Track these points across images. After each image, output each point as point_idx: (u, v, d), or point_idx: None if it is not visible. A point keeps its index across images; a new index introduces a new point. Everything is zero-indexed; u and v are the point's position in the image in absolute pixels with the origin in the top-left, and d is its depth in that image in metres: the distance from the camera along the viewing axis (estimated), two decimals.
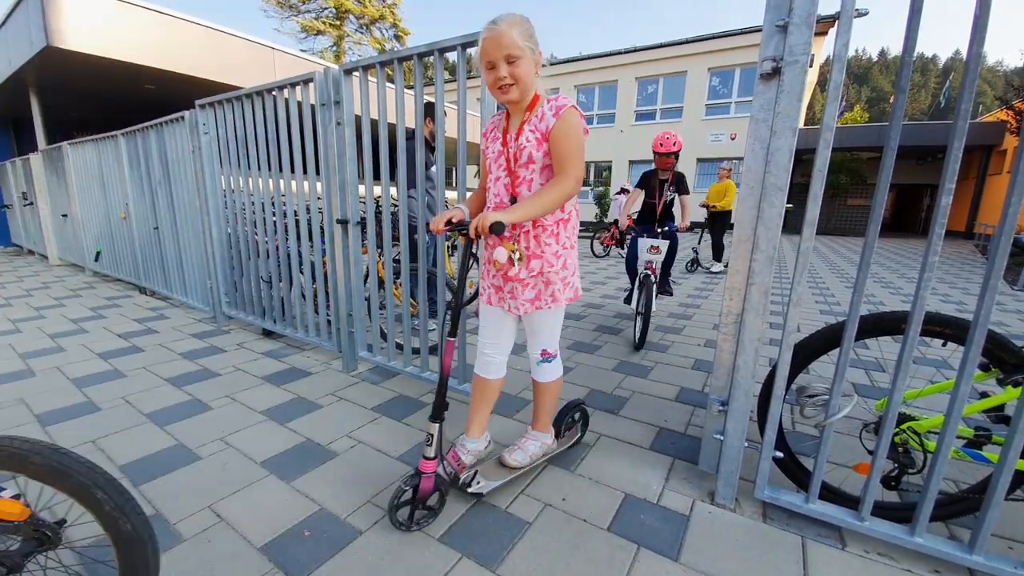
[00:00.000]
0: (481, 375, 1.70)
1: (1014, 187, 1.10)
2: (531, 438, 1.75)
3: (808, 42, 1.28)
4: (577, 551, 1.38)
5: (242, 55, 7.21)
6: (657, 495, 1.66)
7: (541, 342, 1.64)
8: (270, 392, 2.49)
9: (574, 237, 1.57)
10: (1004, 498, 1.23)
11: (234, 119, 3.23)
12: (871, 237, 1.27)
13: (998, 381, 1.36)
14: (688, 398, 2.49)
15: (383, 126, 2.42)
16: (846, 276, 7.21)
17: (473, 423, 1.72)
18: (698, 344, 3.46)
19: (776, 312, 4.53)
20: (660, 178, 3.92)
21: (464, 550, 1.38)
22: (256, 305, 3.48)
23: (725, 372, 1.57)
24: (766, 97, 1.36)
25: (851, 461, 1.84)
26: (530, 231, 1.49)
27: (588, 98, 20.12)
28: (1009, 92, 14.16)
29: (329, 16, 26.14)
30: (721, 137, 17.12)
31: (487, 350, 1.69)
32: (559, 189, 1.38)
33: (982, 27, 1.08)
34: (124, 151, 4.62)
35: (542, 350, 1.65)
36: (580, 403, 1.97)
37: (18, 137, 9.65)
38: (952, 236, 16.03)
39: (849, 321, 1.34)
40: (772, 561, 1.35)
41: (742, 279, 1.47)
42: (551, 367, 1.69)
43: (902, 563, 1.35)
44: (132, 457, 1.85)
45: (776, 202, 1.37)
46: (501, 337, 1.69)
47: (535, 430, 1.77)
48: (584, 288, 5.77)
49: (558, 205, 1.41)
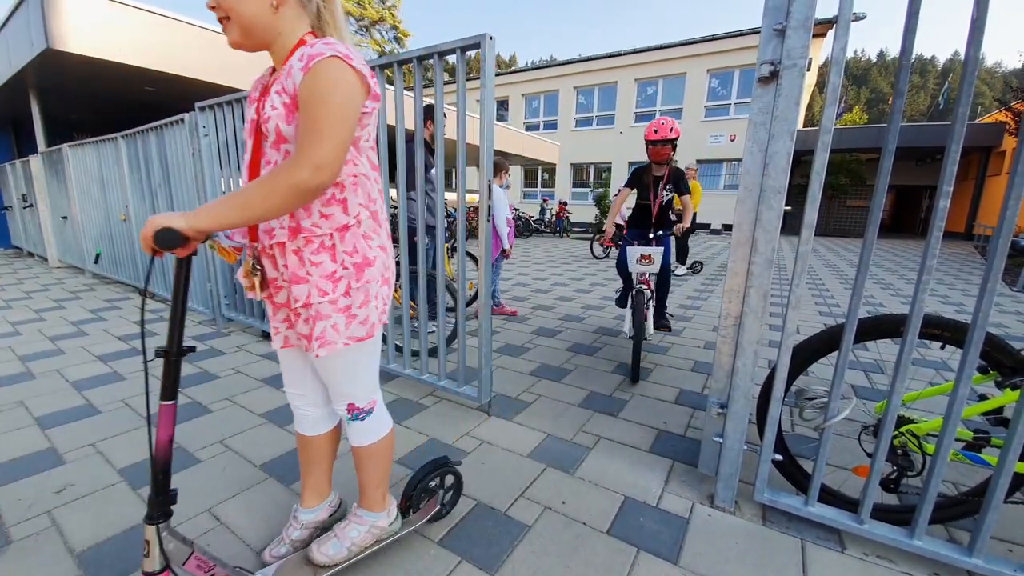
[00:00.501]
0: (297, 430, 1.34)
1: (1012, 189, 1.10)
2: (354, 521, 1.30)
3: (805, 46, 1.28)
4: (577, 554, 1.38)
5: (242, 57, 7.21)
6: (657, 498, 1.66)
7: (341, 393, 1.19)
8: (269, 395, 2.49)
9: (368, 250, 1.09)
10: (1003, 501, 1.23)
11: (234, 121, 3.23)
12: (869, 239, 1.27)
13: (997, 384, 1.36)
14: (688, 400, 2.49)
15: (383, 128, 2.42)
16: (845, 277, 7.21)
17: (305, 488, 1.37)
18: (697, 346, 3.46)
19: (775, 314, 4.54)
20: (654, 174, 3.26)
21: (464, 553, 1.38)
22: (255, 308, 3.48)
23: (724, 374, 1.57)
24: (764, 100, 1.36)
25: (850, 463, 1.84)
26: (286, 243, 1.04)
27: (587, 99, 20.16)
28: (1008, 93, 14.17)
29: None
30: (720, 139, 17.14)
31: (293, 400, 1.32)
32: (281, 180, 0.90)
33: (980, 30, 1.09)
34: (124, 153, 4.62)
35: (347, 403, 1.20)
36: (445, 463, 1.49)
37: (18, 139, 9.65)
38: (951, 237, 16.05)
39: (848, 323, 1.34)
40: (772, 564, 1.35)
41: (741, 282, 1.48)
42: (366, 425, 1.24)
43: (901, 566, 1.35)
44: (131, 460, 1.85)
45: (774, 205, 1.38)
46: (305, 384, 1.28)
47: (361, 508, 1.32)
48: (583, 290, 5.77)
49: (281, 205, 0.91)
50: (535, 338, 3.59)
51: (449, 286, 2.59)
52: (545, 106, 21.26)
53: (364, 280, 1.09)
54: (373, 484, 1.30)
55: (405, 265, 2.78)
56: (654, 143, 3.12)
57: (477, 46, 1.96)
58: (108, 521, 1.50)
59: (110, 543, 1.40)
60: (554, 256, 9.64)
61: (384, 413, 1.30)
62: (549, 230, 16.26)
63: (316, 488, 1.37)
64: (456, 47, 2.02)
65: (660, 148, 3.12)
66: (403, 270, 2.82)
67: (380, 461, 1.29)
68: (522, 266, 7.95)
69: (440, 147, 2.20)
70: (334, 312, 1.06)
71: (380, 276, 1.14)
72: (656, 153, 3.15)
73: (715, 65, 16.97)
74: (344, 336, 1.08)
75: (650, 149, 3.17)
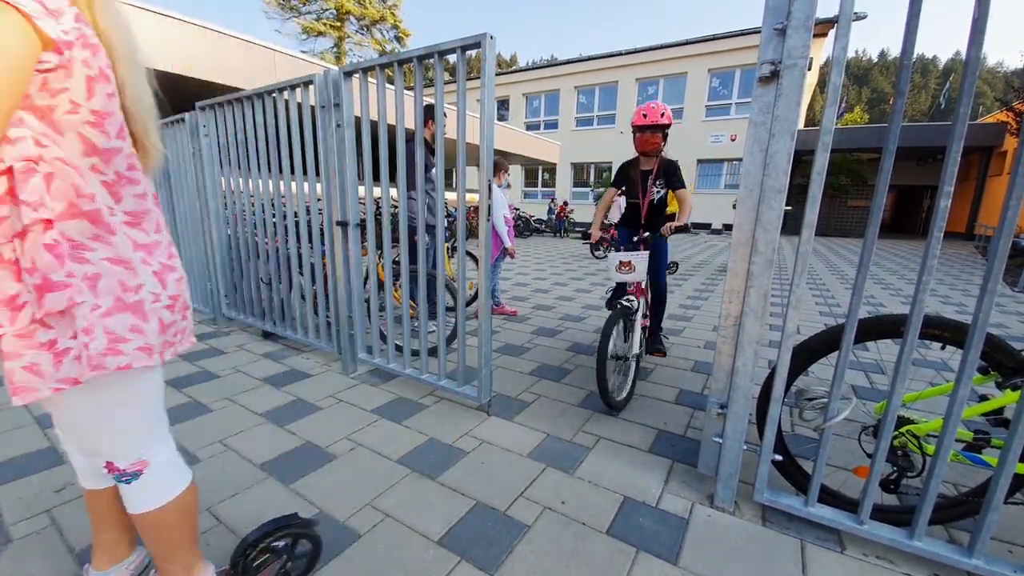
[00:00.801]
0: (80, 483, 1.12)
1: (1012, 190, 1.10)
2: None
3: (806, 45, 1.28)
4: (576, 554, 1.38)
5: (243, 57, 7.22)
6: (656, 498, 1.66)
7: (89, 449, 0.98)
8: (270, 394, 2.49)
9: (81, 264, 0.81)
10: (1003, 501, 1.23)
11: (234, 121, 3.23)
12: (870, 240, 1.27)
13: (997, 384, 1.36)
14: (688, 400, 2.49)
15: (383, 128, 2.42)
16: (846, 277, 7.20)
17: (96, 546, 1.14)
18: (697, 346, 3.46)
19: (776, 314, 4.53)
20: (642, 168, 2.85)
21: (463, 553, 1.38)
22: (256, 307, 3.48)
23: (724, 375, 1.57)
24: (764, 100, 1.36)
25: (850, 464, 1.84)
26: None
27: (588, 99, 20.16)
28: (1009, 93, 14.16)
29: (330, 18, 26.20)
30: (721, 138, 17.14)
31: (63, 446, 1.12)
32: None
33: (981, 30, 1.08)
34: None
35: (104, 462, 0.96)
36: (296, 524, 1.21)
37: None
38: (953, 237, 16.03)
39: (848, 324, 1.34)
40: (771, 564, 1.35)
41: (741, 282, 1.47)
42: (135, 489, 0.98)
43: (901, 566, 1.35)
44: None
45: (775, 205, 1.37)
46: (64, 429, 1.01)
47: None
48: (583, 290, 5.76)
49: None
50: (535, 338, 3.59)
51: (449, 285, 2.59)
52: (546, 106, 21.26)
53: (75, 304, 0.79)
54: (163, 557, 1.03)
55: (405, 265, 2.78)
56: (642, 129, 2.70)
57: (477, 46, 1.96)
58: None
59: None
60: (554, 256, 9.64)
61: (169, 473, 1.02)
62: (550, 230, 16.25)
63: (107, 547, 1.13)
64: (456, 47, 2.02)
65: (649, 136, 2.69)
66: (403, 270, 2.82)
67: (167, 532, 1.01)
68: (522, 266, 7.95)
69: (440, 147, 2.20)
70: (27, 349, 0.78)
71: (116, 296, 0.84)
72: (644, 142, 2.73)
73: (716, 65, 16.96)
74: (53, 380, 0.80)
75: (638, 138, 2.74)
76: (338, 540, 1.43)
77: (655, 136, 2.70)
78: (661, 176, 2.81)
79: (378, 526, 1.49)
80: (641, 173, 2.85)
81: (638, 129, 2.72)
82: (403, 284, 2.90)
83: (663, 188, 2.85)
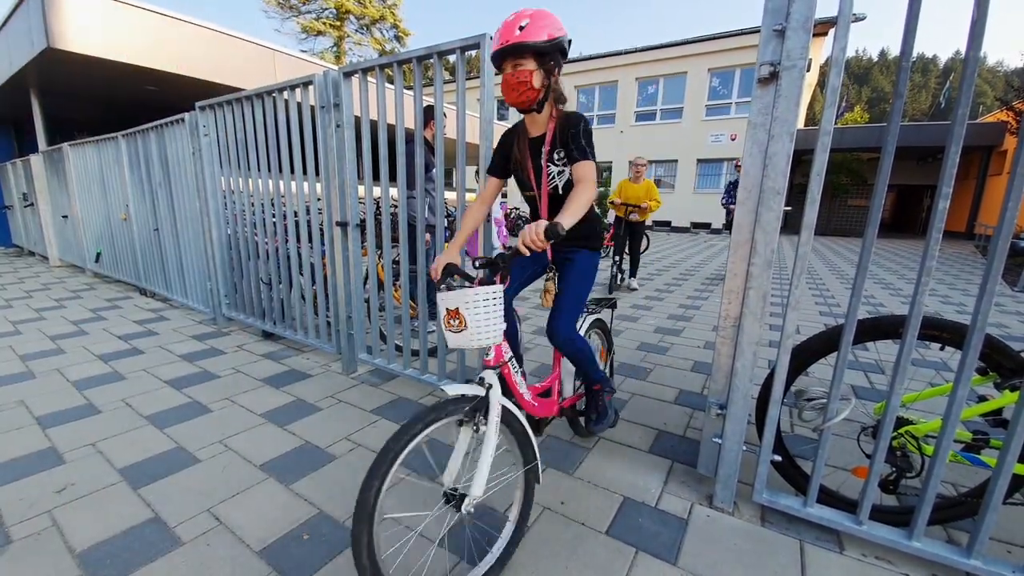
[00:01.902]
0: None
1: (1011, 191, 1.10)
2: None
3: (805, 47, 1.28)
4: (576, 555, 1.39)
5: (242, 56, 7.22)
6: (656, 498, 1.66)
7: None
8: (270, 394, 2.49)
9: None
10: (1002, 502, 1.23)
11: (234, 121, 3.23)
12: (868, 241, 1.27)
13: (996, 385, 1.36)
14: (687, 400, 2.49)
15: (382, 128, 2.42)
16: (846, 277, 7.20)
17: None
18: (697, 346, 3.46)
19: (776, 314, 4.53)
20: (531, 136, 1.66)
21: (463, 553, 1.38)
22: (256, 307, 3.48)
23: (723, 375, 1.57)
24: (764, 101, 1.36)
25: (849, 464, 1.84)
26: None
27: (588, 98, 20.12)
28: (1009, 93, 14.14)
29: (329, 17, 26.17)
30: (721, 138, 17.12)
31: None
32: None
33: (980, 30, 1.08)
34: (124, 152, 4.62)
35: None
36: None
37: (19, 138, 9.66)
38: (953, 237, 16.02)
39: (847, 325, 1.34)
40: (770, 565, 1.36)
41: (740, 283, 1.47)
42: None
43: (900, 567, 1.35)
44: (132, 460, 1.86)
45: (774, 206, 1.37)
46: None
47: None
48: None
49: None
50: (535, 338, 3.59)
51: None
52: None
53: None
54: None
55: (405, 265, 2.78)
56: (500, 62, 1.50)
57: (477, 46, 1.96)
58: (108, 521, 1.50)
59: (110, 543, 1.41)
60: None
61: None
62: None
63: None
64: (456, 47, 2.02)
65: (513, 73, 1.47)
66: (403, 270, 2.82)
67: None
68: None
69: (440, 146, 2.20)
70: None
71: None
72: (510, 87, 1.50)
73: (716, 64, 16.94)
74: None
75: (501, 83, 1.55)
76: (339, 541, 1.43)
77: (521, 70, 1.46)
78: (559, 145, 1.57)
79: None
80: (529, 144, 1.65)
81: (496, 66, 1.55)
82: (403, 284, 2.90)
83: (563, 163, 1.60)
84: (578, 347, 1.64)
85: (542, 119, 1.62)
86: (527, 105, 1.55)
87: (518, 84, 1.48)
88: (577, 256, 1.69)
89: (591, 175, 1.45)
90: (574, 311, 1.63)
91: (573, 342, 1.62)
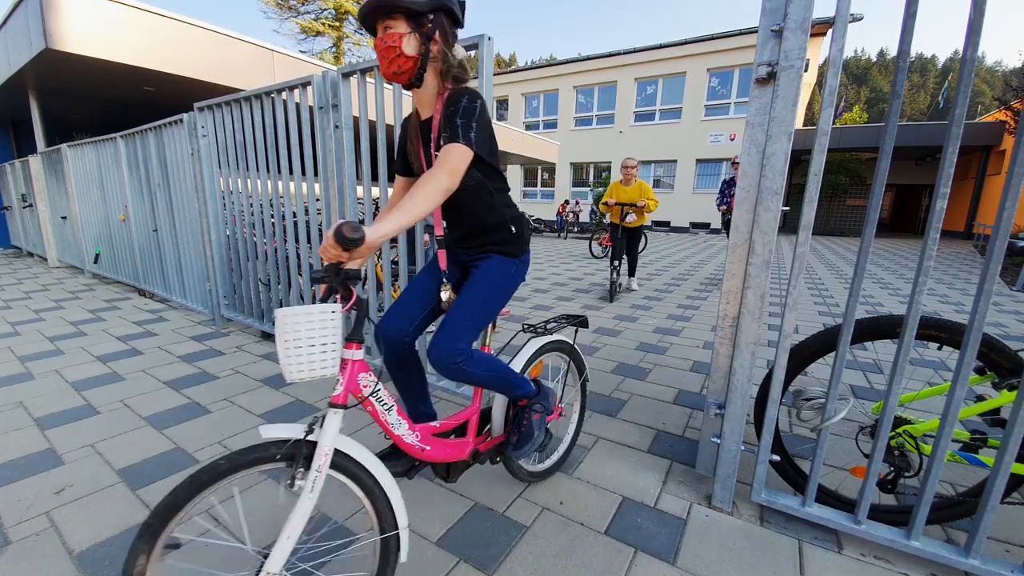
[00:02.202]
0: None
1: (1008, 191, 1.10)
2: None
3: (803, 47, 1.28)
4: (574, 555, 1.39)
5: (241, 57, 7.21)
6: (654, 498, 1.66)
7: None
8: (269, 395, 2.49)
9: None
10: (1000, 501, 1.23)
11: (233, 122, 3.23)
12: (866, 241, 1.27)
13: (994, 385, 1.36)
14: (686, 400, 2.49)
15: (381, 128, 2.42)
16: (845, 277, 7.21)
17: None
18: (696, 346, 3.46)
19: (774, 313, 4.54)
20: (421, 119, 1.36)
21: (462, 554, 1.38)
22: (255, 308, 3.48)
23: (722, 375, 1.57)
24: (762, 102, 1.36)
25: (848, 464, 1.84)
26: None
27: (587, 99, 20.14)
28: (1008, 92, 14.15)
29: (328, 17, 26.15)
30: (720, 138, 17.14)
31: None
32: None
33: (976, 31, 1.09)
34: (123, 153, 4.62)
35: None
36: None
37: (17, 139, 9.64)
38: (951, 236, 16.05)
39: (845, 325, 1.34)
40: (769, 564, 1.36)
41: (738, 283, 1.48)
42: None
43: (898, 566, 1.35)
44: (130, 461, 1.86)
45: (772, 206, 1.38)
46: None
47: None
48: (582, 290, 5.76)
49: None
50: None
51: None
52: (545, 105, 21.25)
53: None
54: None
55: (404, 265, 2.78)
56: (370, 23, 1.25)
57: (475, 47, 1.96)
58: (107, 522, 1.50)
59: (109, 543, 1.41)
60: (553, 255, 9.64)
61: None
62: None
63: None
64: None
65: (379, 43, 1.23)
66: (402, 270, 2.81)
67: None
68: None
69: None
70: None
71: None
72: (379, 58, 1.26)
73: (715, 64, 16.96)
74: None
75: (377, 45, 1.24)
76: (340, 539, 1.43)
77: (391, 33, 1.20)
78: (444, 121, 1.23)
79: None
80: (420, 129, 1.36)
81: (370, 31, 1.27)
82: (402, 284, 2.90)
83: None
84: (468, 372, 1.25)
85: (428, 97, 1.32)
86: (402, 79, 1.27)
87: (386, 50, 1.21)
88: (484, 264, 1.38)
89: (451, 162, 1.13)
90: (460, 328, 1.26)
91: (459, 368, 1.23)
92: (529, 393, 1.49)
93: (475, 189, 1.32)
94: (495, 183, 1.37)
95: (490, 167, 1.33)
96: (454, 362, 1.22)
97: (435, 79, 1.30)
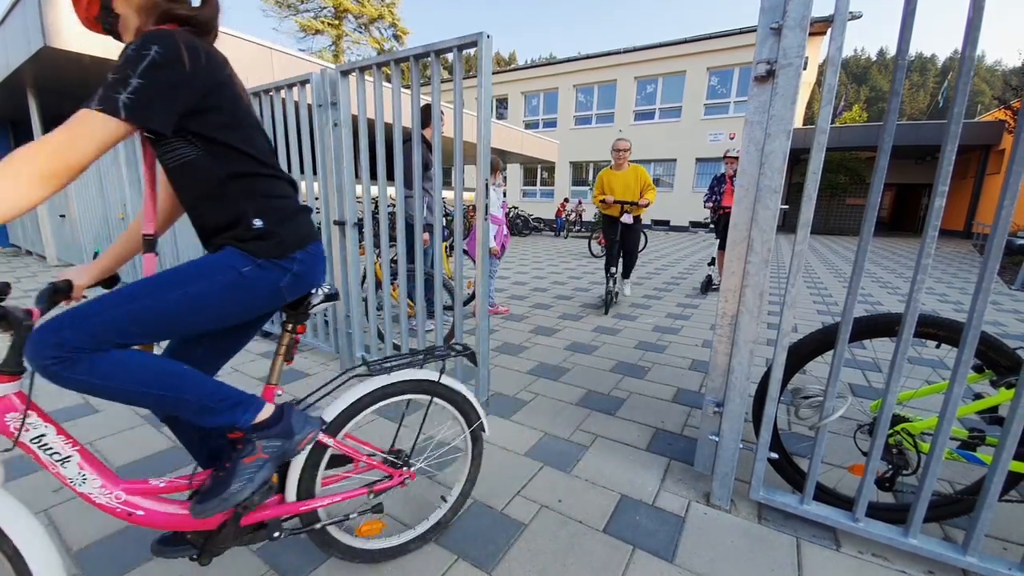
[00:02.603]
0: None
1: (1007, 189, 1.10)
2: None
3: (802, 45, 1.28)
4: (573, 552, 1.39)
5: (240, 54, 7.19)
6: (653, 496, 1.66)
7: None
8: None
9: None
10: (998, 499, 1.23)
11: None
12: (865, 240, 1.27)
13: (992, 383, 1.36)
14: (685, 399, 2.49)
15: (380, 127, 2.42)
16: (844, 275, 7.22)
17: None
18: (695, 345, 3.46)
19: (773, 312, 4.54)
20: None
21: (460, 552, 1.38)
22: None
23: (720, 374, 1.57)
24: (760, 100, 1.36)
25: (846, 462, 1.85)
26: None
27: (587, 98, 20.13)
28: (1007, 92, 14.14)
29: (328, 15, 26.12)
30: (720, 136, 17.13)
31: None
32: None
33: (975, 31, 1.09)
34: (121, 151, 4.61)
35: None
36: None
37: (16, 138, 9.62)
38: (951, 235, 16.05)
39: (843, 323, 1.34)
40: (767, 562, 1.36)
41: (737, 281, 1.48)
42: None
43: (896, 564, 1.35)
44: (129, 459, 1.85)
45: (771, 204, 1.38)
46: None
47: None
48: (581, 289, 5.77)
49: None
50: (533, 337, 3.60)
51: (447, 284, 2.59)
52: (545, 104, 21.24)
53: None
54: None
55: (403, 264, 2.78)
56: None
57: (474, 45, 1.95)
58: (105, 520, 1.50)
59: (107, 542, 1.41)
60: (552, 255, 9.64)
61: None
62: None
63: None
64: (453, 46, 2.02)
65: None
66: (400, 269, 2.81)
67: None
68: (521, 265, 7.95)
69: (437, 146, 2.20)
70: None
71: None
72: None
73: (715, 63, 16.95)
74: None
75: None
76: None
77: None
78: None
79: None
80: None
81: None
82: (401, 283, 2.90)
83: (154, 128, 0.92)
84: (69, 379, 0.87)
85: None
86: (89, 25, 1.00)
87: None
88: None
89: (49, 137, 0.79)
90: (78, 314, 0.86)
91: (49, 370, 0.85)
92: (240, 422, 1.03)
93: (187, 173, 0.96)
94: (231, 167, 0.97)
95: (218, 143, 0.95)
96: (42, 360, 0.83)
97: (139, 18, 0.95)
